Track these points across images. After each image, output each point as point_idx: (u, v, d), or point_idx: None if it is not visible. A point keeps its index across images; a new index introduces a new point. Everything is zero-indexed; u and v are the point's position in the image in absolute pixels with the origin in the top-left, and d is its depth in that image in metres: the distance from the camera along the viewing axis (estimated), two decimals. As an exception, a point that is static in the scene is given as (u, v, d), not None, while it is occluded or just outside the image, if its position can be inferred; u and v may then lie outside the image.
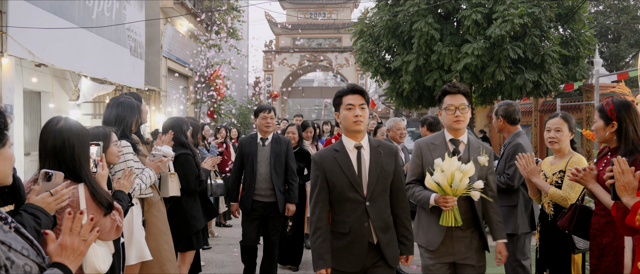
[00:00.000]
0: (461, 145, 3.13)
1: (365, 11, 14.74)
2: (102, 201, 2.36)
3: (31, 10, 7.55)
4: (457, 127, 3.09)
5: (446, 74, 11.90)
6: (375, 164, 2.87)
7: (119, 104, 3.50)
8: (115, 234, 2.47)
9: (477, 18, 11.19)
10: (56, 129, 2.30)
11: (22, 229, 1.52)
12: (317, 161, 2.89)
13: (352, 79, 24.40)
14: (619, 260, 2.78)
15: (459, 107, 3.07)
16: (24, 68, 7.88)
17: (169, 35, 13.86)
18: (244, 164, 4.78)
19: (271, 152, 4.73)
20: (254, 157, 4.71)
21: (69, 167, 2.31)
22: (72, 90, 9.35)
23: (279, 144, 4.80)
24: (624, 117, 2.79)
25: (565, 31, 12.90)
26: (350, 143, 2.89)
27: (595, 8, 20.13)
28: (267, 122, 4.75)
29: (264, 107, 4.80)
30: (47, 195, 2.09)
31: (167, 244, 3.75)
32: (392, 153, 2.96)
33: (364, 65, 13.63)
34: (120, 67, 10.63)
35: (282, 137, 4.94)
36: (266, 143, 4.78)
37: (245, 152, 4.76)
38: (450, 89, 3.12)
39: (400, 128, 5.70)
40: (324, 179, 2.85)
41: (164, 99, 13.74)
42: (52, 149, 2.29)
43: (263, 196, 4.72)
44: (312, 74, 38.07)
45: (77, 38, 8.76)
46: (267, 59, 24.63)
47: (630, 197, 2.23)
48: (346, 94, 2.88)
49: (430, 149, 3.15)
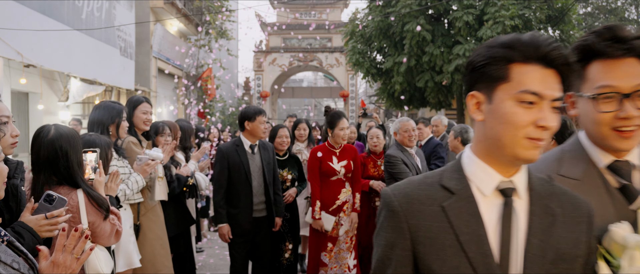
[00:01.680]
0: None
1: (356, 11, 14.74)
2: (101, 204, 2.35)
3: (19, 10, 7.44)
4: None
5: (437, 75, 11.94)
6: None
7: (98, 108, 3.45)
8: (115, 239, 2.45)
9: (469, 19, 11.24)
10: (47, 141, 2.28)
11: (16, 243, 1.48)
12: (398, 212, 1.17)
13: (342, 79, 24.40)
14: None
15: None
16: (12, 69, 7.78)
17: (159, 35, 13.77)
18: (232, 177, 4.11)
19: (262, 160, 4.20)
20: (247, 168, 4.10)
21: (64, 176, 2.30)
22: (61, 91, 9.24)
23: (266, 151, 4.30)
24: None
25: (555, 32, 12.99)
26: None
27: (584, 10, 20.32)
28: (265, 127, 4.24)
29: (259, 110, 4.19)
30: (42, 218, 2.03)
31: (163, 250, 3.71)
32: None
33: (355, 66, 13.64)
34: (110, 67, 10.53)
35: (266, 143, 4.44)
36: (255, 150, 4.22)
37: (234, 163, 4.10)
38: None
39: (409, 129, 4.62)
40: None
41: (154, 99, 13.64)
42: (45, 160, 2.27)
43: (257, 211, 4.17)
44: (301, 74, 38.05)
45: (66, 38, 8.66)
46: (257, 59, 24.56)
47: None
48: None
49: None
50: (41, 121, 8.52)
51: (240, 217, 4.10)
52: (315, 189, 4.49)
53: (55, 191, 2.15)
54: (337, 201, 4.53)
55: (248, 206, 4.10)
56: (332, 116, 4.59)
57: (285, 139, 4.79)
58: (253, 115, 4.13)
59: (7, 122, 2.19)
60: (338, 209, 4.53)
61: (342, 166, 4.52)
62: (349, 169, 4.56)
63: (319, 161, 4.48)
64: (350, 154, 4.62)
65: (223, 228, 4.09)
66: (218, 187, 4.11)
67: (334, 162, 4.51)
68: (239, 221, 4.10)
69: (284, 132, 4.83)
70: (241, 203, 4.10)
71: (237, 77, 27.45)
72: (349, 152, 4.63)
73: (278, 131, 4.84)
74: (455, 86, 11.89)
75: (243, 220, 4.10)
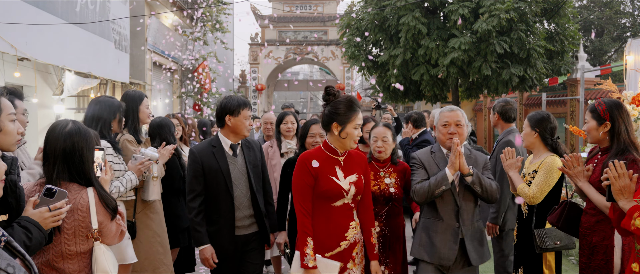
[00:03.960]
0: None
1: (351, 4, 14.70)
2: (109, 204, 2.35)
3: (13, 3, 7.39)
4: None
5: (433, 69, 11.95)
6: None
7: (97, 102, 3.44)
8: (119, 239, 2.46)
9: (464, 13, 11.24)
10: (65, 133, 2.29)
11: (14, 243, 1.48)
12: None
13: (338, 72, 24.38)
14: (608, 259, 2.82)
15: None
16: (5, 62, 7.73)
17: (153, 28, 13.70)
18: (209, 186, 3.26)
19: (246, 163, 3.36)
20: (226, 174, 3.25)
21: (78, 171, 2.30)
22: (55, 84, 9.20)
23: (251, 150, 3.45)
24: (616, 117, 2.81)
25: (550, 26, 13.01)
26: None
27: (579, 2, 20.33)
28: (250, 123, 3.39)
29: (244, 102, 3.34)
30: (46, 210, 2.05)
31: (161, 247, 3.71)
32: None
33: (351, 59, 13.63)
34: (104, 60, 10.48)
35: (252, 141, 3.55)
36: (238, 152, 3.37)
37: (210, 168, 3.24)
38: None
39: (450, 123, 3.27)
40: None
41: (149, 92, 13.59)
42: (62, 152, 2.27)
43: (242, 227, 3.30)
44: (297, 67, 37.94)
45: (60, 31, 8.61)
46: (252, 52, 24.47)
47: (627, 201, 2.25)
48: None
49: None
50: (35, 115, 8.48)
51: (220, 235, 3.25)
52: (306, 221, 2.82)
53: (65, 188, 2.19)
54: (343, 241, 2.87)
55: (229, 221, 3.26)
56: (344, 105, 2.83)
57: (319, 137, 3.79)
58: (237, 107, 3.27)
59: (14, 120, 2.18)
60: (345, 253, 2.88)
61: (351, 182, 2.90)
62: (360, 189, 2.93)
63: (314, 175, 2.85)
64: (360, 165, 3.01)
65: (205, 250, 3.20)
66: (191, 200, 3.25)
67: (339, 177, 2.88)
68: (219, 241, 3.24)
69: (317, 129, 3.80)
70: (221, 219, 3.26)
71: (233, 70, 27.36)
72: (357, 161, 3.01)
73: (310, 128, 3.83)
74: (450, 79, 11.90)
75: (224, 239, 3.25)
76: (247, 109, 3.32)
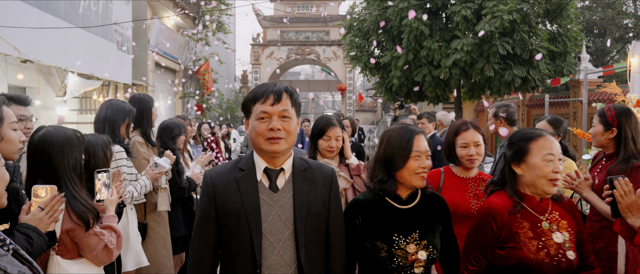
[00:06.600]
0: None
1: (353, 5, 14.70)
2: (81, 216, 2.24)
3: (17, 6, 7.40)
4: None
5: (435, 70, 11.93)
6: None
7: (109, 105, 3.46)
8: (105, 256, 2.30)
9: (467, 14, 11.21)
10: (33, 142, 2.29)
11: (21, 251, 1.48)
12: None
13: (340, 72, 24.37)
14: (612, 265, 2.80)
15: None
16: (9, 64, 7.75)
17: (156, 29, 13.71)
18: (223, 239, 1.95)
19: (295, 203, 1.95)
20: (252, 221, 1.90)
21: (48, 177, 2.25)
22: (58, 86, 9.22)
23: (308, 182, 2.00)
24: (624, 124, 2.79)
25: (553, 26, 12.98)
26: None
27: (582, 3, 20.29)
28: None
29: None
30: (38, 211, 2.03)
31: (165, 250, 3.74)
32: None
33: (353, 60, 13.62)
34: (107, 62, 10.49)
35: (315, 165, 2.08)
36: (279, 181, 1.98)
37: (225, 205, 1.94)
38: None
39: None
40: None
41: (151, 93, 13.60)
42: (30, 161, 2.28)
43: None
44: (299, 67, 37.94)
45: (63, 33, 8.62)
46: (254, 52, 24.48)
47: (636, 218, 2.18)
48: None
49: None
50: (38, 117, 8.50)
51: None
52: None
53: None
54: None
55: None
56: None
57: (335, 141, 3.02)
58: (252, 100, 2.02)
59: (16, 129, 2.18)
60: None
61: None
62: None
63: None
64: None
65: None
66: (194, 263, 1.96)
67: None
68: None
69: (336, 131, 3.03)
70: None
71: (235, 70, 27.36)
72: None
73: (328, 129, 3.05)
74: (452, 80, 11.89)
75: None
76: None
